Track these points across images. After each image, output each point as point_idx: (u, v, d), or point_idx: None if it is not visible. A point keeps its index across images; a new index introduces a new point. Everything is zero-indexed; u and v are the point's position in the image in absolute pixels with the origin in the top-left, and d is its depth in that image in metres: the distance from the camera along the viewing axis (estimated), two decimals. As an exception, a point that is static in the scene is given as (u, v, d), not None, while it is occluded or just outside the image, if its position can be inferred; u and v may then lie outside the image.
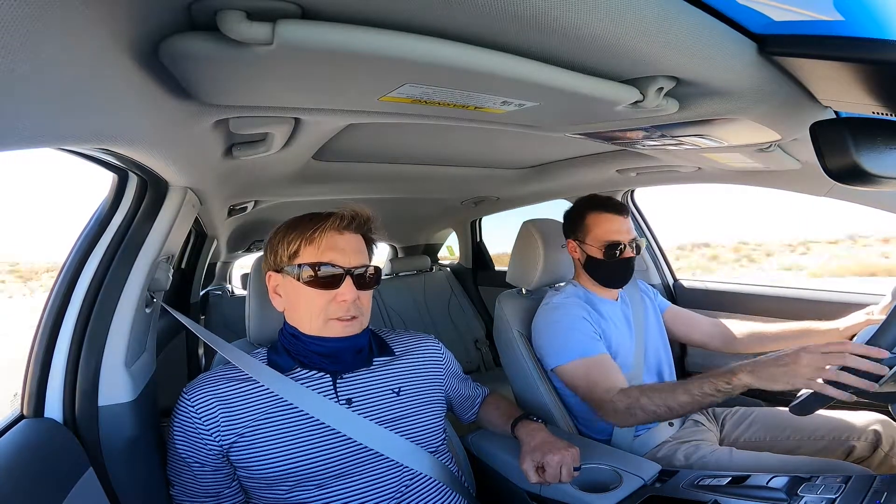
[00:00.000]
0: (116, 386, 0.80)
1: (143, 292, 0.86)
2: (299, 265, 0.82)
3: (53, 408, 0.75)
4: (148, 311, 0.93)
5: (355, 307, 0.84)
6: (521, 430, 0.98)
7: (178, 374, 1.85)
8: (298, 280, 0.83)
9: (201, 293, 2.37)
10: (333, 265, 0.82)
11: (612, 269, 1.26)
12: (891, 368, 0.78)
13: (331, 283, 0.82)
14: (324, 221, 0.83)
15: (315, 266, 0.82)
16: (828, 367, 0.80)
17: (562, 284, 1.36)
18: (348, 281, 0.83)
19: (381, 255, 3.56)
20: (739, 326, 1.37)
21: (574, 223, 1.32)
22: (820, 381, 0.80)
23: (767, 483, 0.81)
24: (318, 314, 0.83)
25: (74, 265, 0.81)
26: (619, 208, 1.29)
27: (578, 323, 1.19)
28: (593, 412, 1.10)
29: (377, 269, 0.88)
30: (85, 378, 0.77)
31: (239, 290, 3.52)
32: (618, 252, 1.24)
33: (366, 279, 0.86)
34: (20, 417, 0.74)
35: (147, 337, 0.96)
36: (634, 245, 1.26)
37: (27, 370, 0.76)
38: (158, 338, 1.08)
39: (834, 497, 0.74)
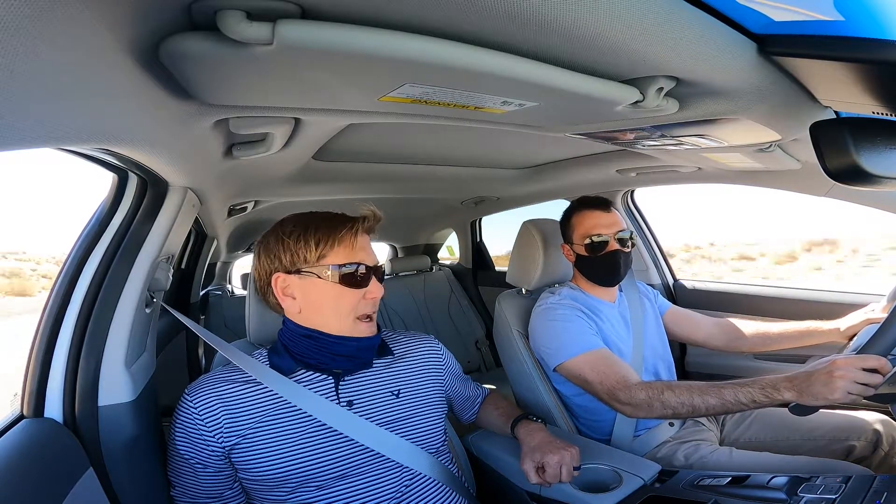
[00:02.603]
0: (116, 386, 0.80)
1: (143, 292, 0.86)
2: (330, 266, 0.84)
3: (53, 408, 0.75)
4: (148, 311, 0.93)
5: (374, 304, 0.88)
6: (521, 430, 0.98)
7: (178, 374, 1.85)
8: (330, 280, 0.84)
9: (201, 293, 2.36)
10: (364, 264, 0.86)
11: (599, 264, 1.25)
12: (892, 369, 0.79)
13: (362, 281, 0.86)
14: (353, 223, 0.86)
15: (354, 265, 0.85)
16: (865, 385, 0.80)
17: (558, 286, 1.36)
18: (374, 278, 0.87)
19: (381, 255, 3.56)
20: (743, 325, 1.37)
21: (564, 227, 1.34)
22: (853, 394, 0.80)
23: (767, 483, 0.81)
24: (349, 313, 0.85)
25: (74, 265, 0.81)
26: (601, 203, 1.29)
27: (575, 320, 1.19)
28: (603, 402, 1.08)
29: (383, 267, 0.92)
30: (85, 378, 0.77)
31: (239, 290, 3.51)
32: (601, 245, 1.23)
33: (381, 276, 0.90)
34: (20, 417, 0.74)
35: (147, 337, 0.96)
36: (620, 239, 1.24)
37: (27, 370, 0.76)
38: (158, 338, 1.08)
39: (834, 497, 0.74)
